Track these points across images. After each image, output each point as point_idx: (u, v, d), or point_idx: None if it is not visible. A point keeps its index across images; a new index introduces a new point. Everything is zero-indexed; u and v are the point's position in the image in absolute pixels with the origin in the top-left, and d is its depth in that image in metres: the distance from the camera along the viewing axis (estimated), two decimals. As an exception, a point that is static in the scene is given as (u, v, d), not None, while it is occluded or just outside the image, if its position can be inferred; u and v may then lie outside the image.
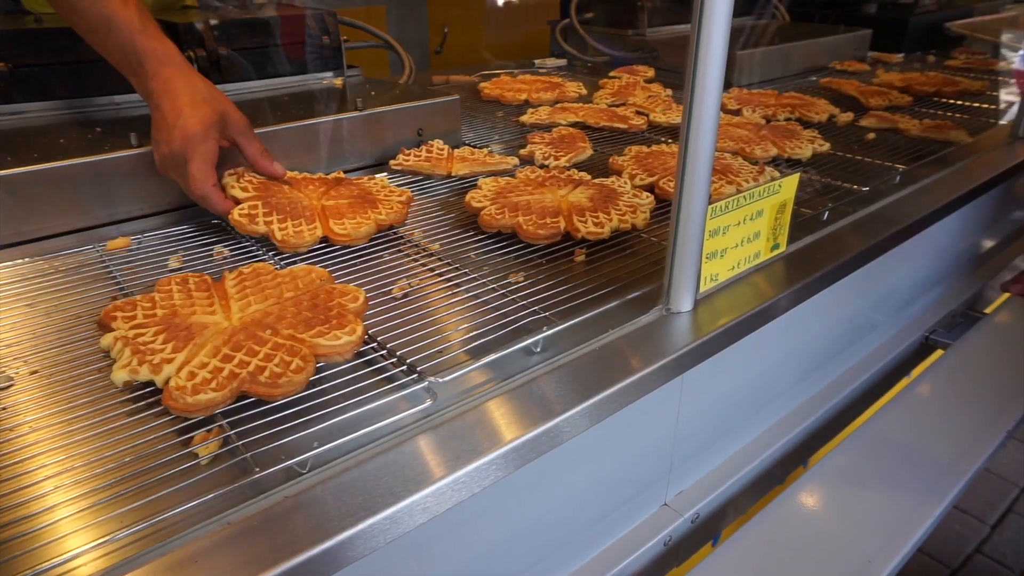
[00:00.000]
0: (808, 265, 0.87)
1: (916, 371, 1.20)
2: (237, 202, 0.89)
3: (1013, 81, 1.82)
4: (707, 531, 0.88)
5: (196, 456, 0.54)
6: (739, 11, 2.13)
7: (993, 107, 1.59)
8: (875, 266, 0.97)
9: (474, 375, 0.64)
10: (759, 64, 1.76)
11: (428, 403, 0.60)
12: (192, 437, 0.56)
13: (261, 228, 0.85)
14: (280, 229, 0.85)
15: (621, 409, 0.64)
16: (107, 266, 0.84)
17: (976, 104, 1.59)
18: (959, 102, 1.60)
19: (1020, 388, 1.06)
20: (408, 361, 0.64)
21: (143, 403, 0.60)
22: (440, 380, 0.62)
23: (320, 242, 0.87)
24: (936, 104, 1.59)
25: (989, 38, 2.20)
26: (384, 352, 0.66)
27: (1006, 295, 1.32)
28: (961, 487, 0.84)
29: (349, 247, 0.87)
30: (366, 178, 1.02)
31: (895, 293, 1.19)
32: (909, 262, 1.18)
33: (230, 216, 0.86)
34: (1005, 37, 2.22)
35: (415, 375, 0.63)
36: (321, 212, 0.90)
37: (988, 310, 1.33)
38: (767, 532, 0.80)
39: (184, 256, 0.86)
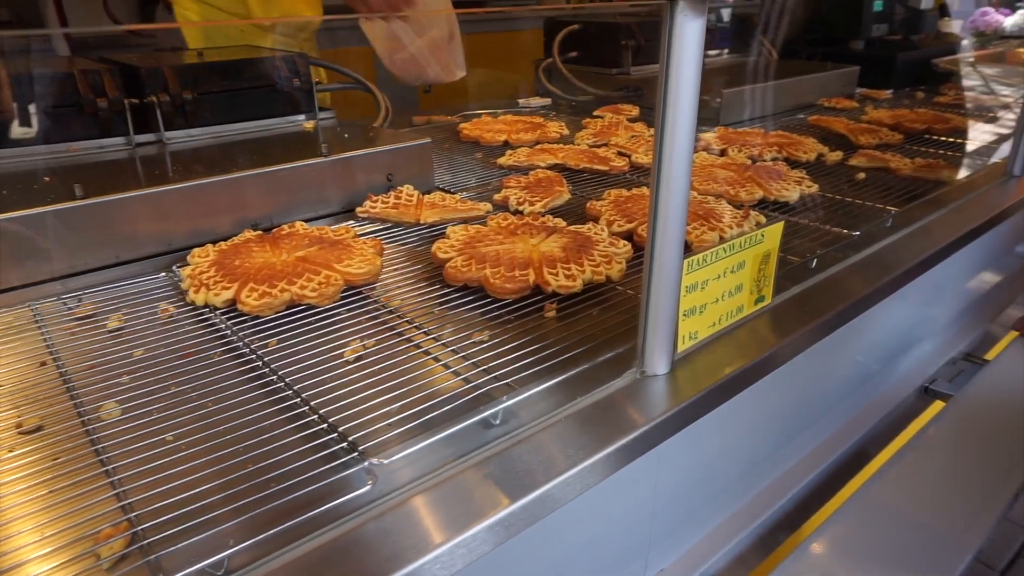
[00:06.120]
0: (796, 318, 0.81)
1: (916, 423, 1.13)
2: None
3: (1003, 117, 1.79)
4: (693, 611, 0.81)
5: (97, 558, 0.48)
6: (726, 48, 2.11)
7: (985, 144, 1.55)
8: (868, 315, 0.92)
9: (424, 452, 0.58)
10: (746, 102, 1.73)
11: (368, 487, 0.54)
12: (99, 532, 0.49)
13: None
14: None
15: (587, 491, 0.57)
16: (41, 327, 0.78)
17: (968, 142, 1.55)
18: (950, 139, 1.56)
19: (1027, 440, 1.00)
20: (350, 438, 0.58)
21: (45, 492, 0.53)
22: (383, 461, 0.55)
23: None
24: (927, 141, 1.55)
25: (977, 74, 2.18)
26: (325, 426, 0.60)
27: (1007, 340, 1.26)
28: (966, 566, 0.77)
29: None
30: (330, 228, 0.97)
31: (890, 342, 1.13)
32: (904, 309, 1.12)
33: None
34: (992, 72, 2.20)
35: (356, 454, 0.56)
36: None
37: (989, 356, 1.27)
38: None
39: (126, 314, 0.80)
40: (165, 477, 0.54)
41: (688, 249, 0.89)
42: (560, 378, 0.66)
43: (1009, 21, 2.83)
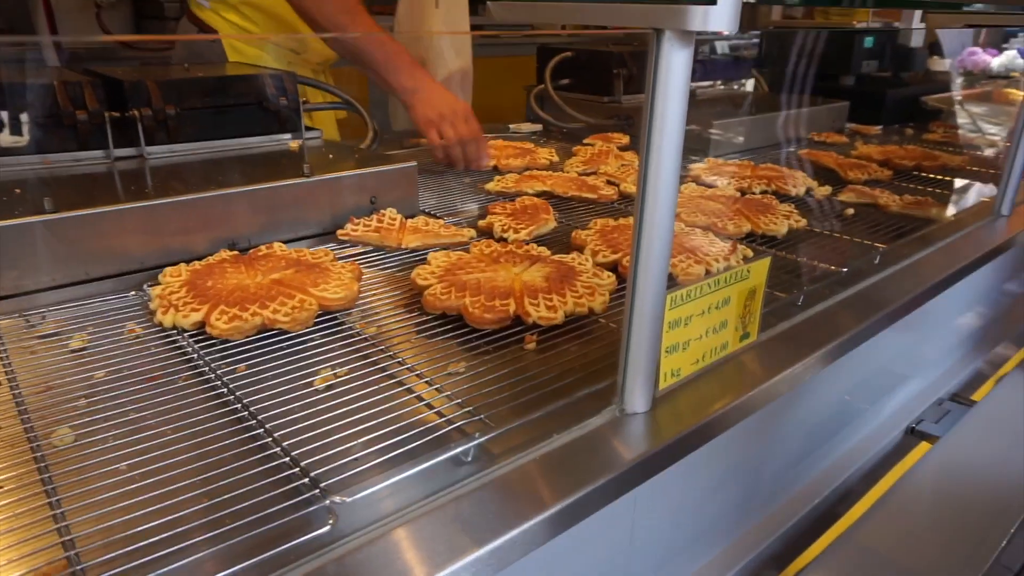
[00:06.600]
0: (782, 355, 0.79)
1: (901, 465, 1.11)
2: None
3: (990, 156, 1.80)
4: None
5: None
6: (718, 80, 2.12)
7: (973, 183, 1.55)
8: (855, 353, 0.90)
9: (390, 490, 0.55)
10: (736, 134, 1.73)
11: (328, 527, 0.51)
12: (38, 570, 0.46)
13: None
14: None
15: (559, 535, 0.55)
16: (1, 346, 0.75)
17: (956, 180, 1.55)
18: (938, 177, 1.56)
19: (1018, 484, 0.97)
20: (313, 473, 0.55)
21: (-14, 525, 0.50)
22: (346, 499, 0.53)
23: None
24: (916, 178, 1.55)
25: (965, 112, 2.20)
26: (288, 460, 0.57)
27: (994, 380, 1.24)
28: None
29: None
30: (308, 251, 0.95)
31: (876, 381, 1.11)
32: (891, 347, 1.11)
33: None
34: (980, 111, 2.22)
35: (317, 491, 0.54)
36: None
37: (976, 396, 1.25)
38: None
39: (91, 334, 0.77)
40: (115, 511, 0.51)
41: (673, 282, 0.88)
42: (536, 415, 0.64)
43: (996, 61, 2.86)
